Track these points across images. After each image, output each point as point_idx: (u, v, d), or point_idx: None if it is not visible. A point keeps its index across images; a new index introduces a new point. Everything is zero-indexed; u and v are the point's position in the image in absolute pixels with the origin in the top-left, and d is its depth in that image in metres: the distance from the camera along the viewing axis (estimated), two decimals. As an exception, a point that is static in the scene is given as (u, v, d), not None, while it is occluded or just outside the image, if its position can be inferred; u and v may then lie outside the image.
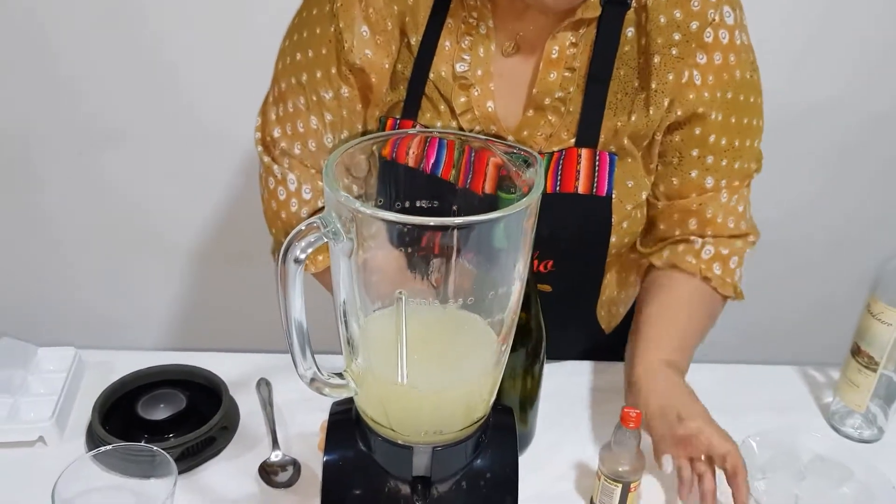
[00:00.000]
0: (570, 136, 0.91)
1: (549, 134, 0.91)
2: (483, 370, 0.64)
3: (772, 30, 1.60)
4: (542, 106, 0.90)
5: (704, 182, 0.95)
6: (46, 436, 0.88)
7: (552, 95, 0.89)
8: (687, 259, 0.97)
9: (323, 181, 0.56)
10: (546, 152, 0.91)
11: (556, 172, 0.90)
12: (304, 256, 0.56)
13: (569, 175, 0.90)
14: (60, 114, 1.63)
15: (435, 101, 0.92)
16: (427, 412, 0.64)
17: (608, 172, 0.90)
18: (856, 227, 1.85)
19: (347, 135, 0.98)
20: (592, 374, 1.05)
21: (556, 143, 0.91)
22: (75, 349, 0.99)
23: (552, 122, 0.91)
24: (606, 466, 0.80)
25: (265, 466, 0.86)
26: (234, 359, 1.03)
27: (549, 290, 0.95)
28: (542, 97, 0.90)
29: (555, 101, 0.90)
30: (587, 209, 0.91)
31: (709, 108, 0.90)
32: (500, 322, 0.63)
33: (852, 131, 1.75)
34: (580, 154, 0.90)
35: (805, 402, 1.03)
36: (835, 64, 1.68)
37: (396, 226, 0.55)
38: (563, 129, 0.91)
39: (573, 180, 0.89)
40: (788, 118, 1.72)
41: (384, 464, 0.66)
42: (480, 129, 0.91)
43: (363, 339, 0.64)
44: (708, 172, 0.94)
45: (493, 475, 0.68)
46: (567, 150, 0.90)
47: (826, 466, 0.87)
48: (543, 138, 0.91)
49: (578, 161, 0.89)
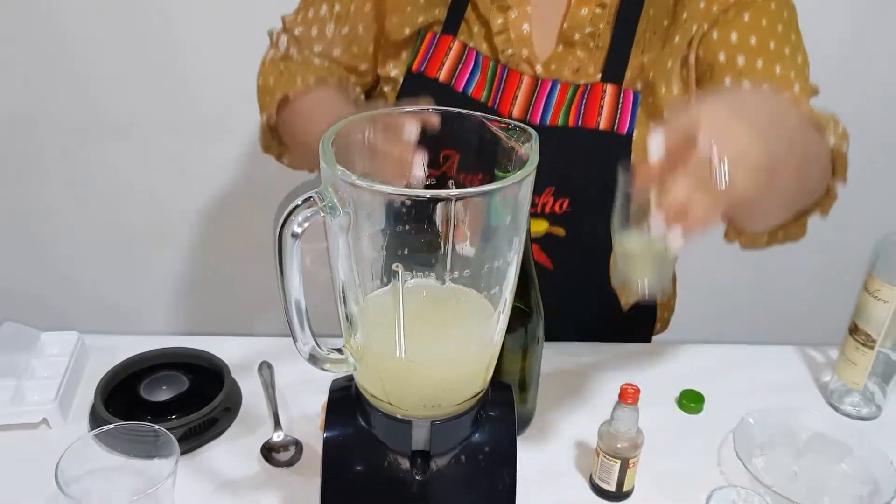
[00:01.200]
0: (596, 72, 0.92)
1: (576, 68, 0.92)
2: (480, 344, 0.65)
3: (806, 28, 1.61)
4: (572, 41, 0.91)
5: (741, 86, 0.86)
6: (50, 418, 0.89)
7: (582, 31, 0.91)
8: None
9: (320, 156, 0.57)
10: (570, 83, 0.91)
11: (579, 106, 0.91)
12: (300, 231, 0.57)
13: (592, 110, 0.90)
14: (66, 103, 1.64)
15: (471, 22, 0.93)
16: (425, 385, 0.64)
17: (631, 111, 0.91)
18: (855, 205, 1.84)
19: (348, 31, 0.99)
20: (593, 354, 1.05)
21: (583, 78, 0.92)
22: (78, 333, 0.99)
23: (580, 57, 0.92)
24: (605, 443, 0.81)
25: (267, 446, 0.87)
26: (236, 342, 1.03)
27: (562, 233, 0.93)
28: (571, 32, 0.91)
29: (584, 36, 0.91)
30: (607, 146, 0.91)
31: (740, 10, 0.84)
32: (497, 296, 0.63)
33: (848, 109, 1.75)
34: (605, 89, 0.91)
35: (804, 381, 1.03)
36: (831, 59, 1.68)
37: (393, 198, 0.55)
38: (591, 65, 0.92)
39: (595, 116, 0.90)
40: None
41: (384, 438, 0.67)
42: (513, 52, 0.92)
43: (362, 315, 0.64)
44: (741, 76, 0.84)
45: (491, 449, 0.69)
46: (592, 85, 0.91)
47: (825, 443, 0.87)
48: (570, 72, 0.93)
49: (602, 96, 0.90)
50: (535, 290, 0.85)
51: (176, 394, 0.91)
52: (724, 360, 1.05)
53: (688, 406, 0.95)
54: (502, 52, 0.92)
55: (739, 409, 0.92)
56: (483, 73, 0.92)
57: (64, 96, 1.63)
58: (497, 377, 0.70)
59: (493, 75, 0.92)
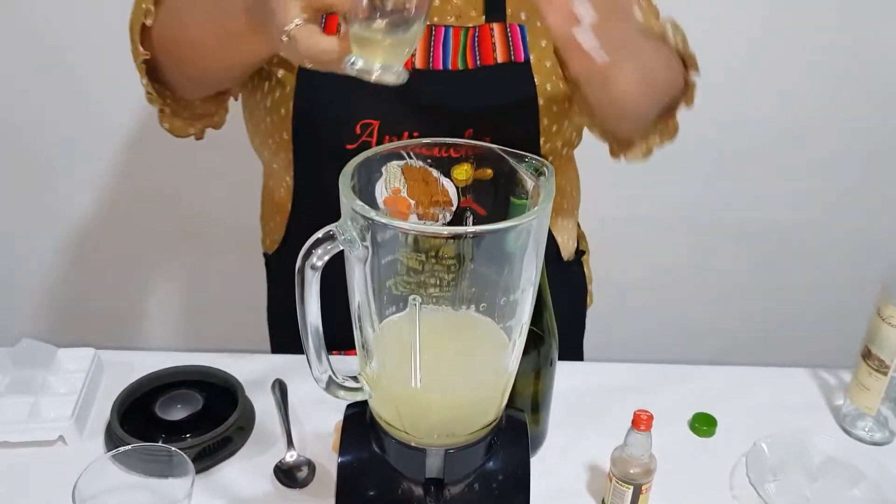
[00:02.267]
0: (478, 14, 0.95)
1: (457, 14, 0.95)
2: (496, 374, 0.65)
3: (807, 30, 1.61)
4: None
5: None
6: (66, 435, 0.90)
7: None
8: None
9: (341, 190, 0.58)
10: (461, 27, 0.94)
11: (472, 48, 0.94)
12: (320, 264, 0.57)
13: (486, 49, 0.94)
14: (75, 113, 1.65)
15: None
16: (440, 415, 0.65)
17: (522, 40, 0.95)
18: (869, 228, 1.84)
19: None
20: (605, 375, 1.05)
21: (468, 22, 0.95)
22: (94, 350, 1.00)
23: (458, 4, 0.95)
24: (618, 468, 0.81)
25: (280, 466, 0.88)
26: (249, 359, 1.04)
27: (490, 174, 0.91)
28: None
29: None
30: (510, 76, 0.94)
31: None
32: (513, 326, 0.64)
33: (866, 133, 1.75)
34: (493, 28, 0.95)
35: (816, 404, 1.03)
36: (849, 69, 1.68)
37: (410, 233, 0.56)
38: (471, 9, 0.95)
39: (491, 52, 0.94)
40: (804, 121, 1.73)
41: (398, 465, 0.68)
42: None
43: (377, 343, 0.65)
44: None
45: (505, 477, 0.69)
46: (480, 27, 0.95)
47: (837, 468, 0.87)
48: (454, 20, 0.95)
49: (492, 35, 0.94)
50: (548, 314, 0.85)
51: (190, 412, 0.92)
52: (736, 382, 1.05)
53: (700, 429, 0.95)
54: None
55: (752, 432, 0.92)
56: (456, 42, 0.94)
57: (72, 109, 1.64)
58: (510, 401, 0.70)
59: (465, 39, 0.94)
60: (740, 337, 1.93)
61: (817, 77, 1.67)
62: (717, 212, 1.76)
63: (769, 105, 1.70)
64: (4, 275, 1.83)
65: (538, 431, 0.92)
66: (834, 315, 1.83)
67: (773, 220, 1.63)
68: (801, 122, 1.72)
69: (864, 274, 1.81)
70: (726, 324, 1.94)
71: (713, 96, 1.60)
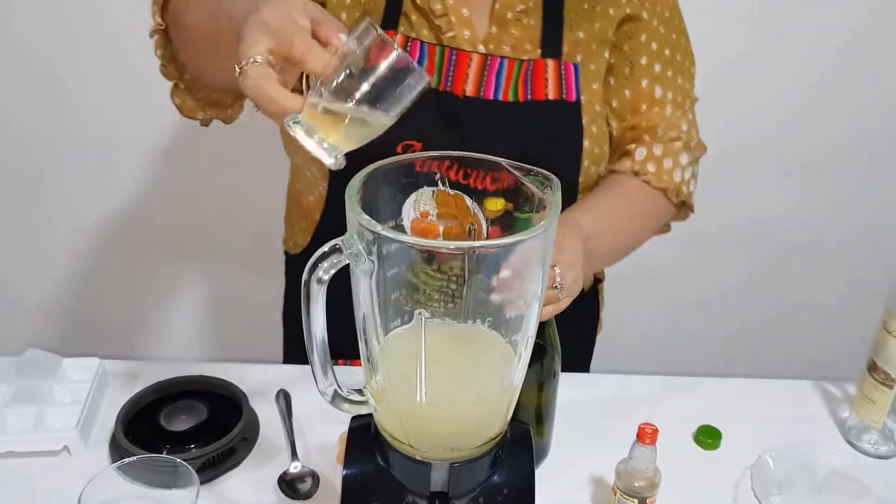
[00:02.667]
0: (534, 48, 0.96)
1: (513, 46, 0.96)
2: (501, 388, 0.65)
3: (805, 30, 1.61)
4: (505, 21, 0.95)
5: (654, 91, 1.02)
6: (71, 445, 0.90)
7: (513, 10, 0.95)
8: (623, 161, 1.04)
9: (346, 204, 0.58)
10: (515, 59, 0.95)
11: (525, 82, 0.95)
12: (327, 277, 0.58)
13: (538, 84, 0.95)
14: (79, 122, 1.66)
15: (409, 14, 0.95)
16: (445, 429, 0.65)
17: (574, 80, 0.96)
18: (874, 239, 1.84)
19: None
20: (609, 387, 1.05)
21: (522, 54, 0.96)
22: (99, 359, 1.00)
23: (515, 35, 0.96)
24: (622, 482, 0.81)
25: (284, 478, 0.87)
26: (253, 369, 1.04)
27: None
28: (504, 12, 0.95)
29: (517, 14, 0.95)
30: (559, 114, 0.96)
31: (651, 17, 1.00)
32: (518, 340, 0.64)
33: (872, 140, 1.75)
34: (547, 64, 0.95)
35: (821, 417, 1.03)
36: (849, 70, 1.67)
37: (415, 248, 0.56)
38: (526, 42, 0.96)
39: (543, 88, 0.95)
40: (806, 123, 1.72)
41: (402, 479, 0.67)
42: (454, 34, 0.95)
43: (382, 356, 0.65)
44: (657, 81, 1.02)
45: (510, 490, 0.69)
46: (535, 61, 0.95)
47: (843, 482, 0.87)
48: (509, 50, 0.96)
49: (546, 71, 0.95)
50: (550, 327, 0.85)
51: (195, 423, 0.92)
52: (741, 394, 1.05)
53: (704, 442, 0.95)
54: (444, 34, 0.95)
55: (756, 444, 0.92)
56: (430, 59, 0.94)
57: (72, 118, 1.65)
58: (514, 413, 0.70)
59: (441, 58, 0.94)
60: (742, 345, 1.93)
61: (819, 78, 1.67)
62: (718, 219, 1.75)
63: (769, 106, 1.70)
64: (9, 284, 1.83)
65: (542, 444, 0.91)
66: (837, 322, 1.83)
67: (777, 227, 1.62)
68: (804, 123, 1.72)
69: (871, 284, 1.81)
70: (727, 331, 1.94)
71: (713, 98, 1.62)
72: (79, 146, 1.68)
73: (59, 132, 1.67)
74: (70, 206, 1.75)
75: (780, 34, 1.63)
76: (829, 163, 1.76)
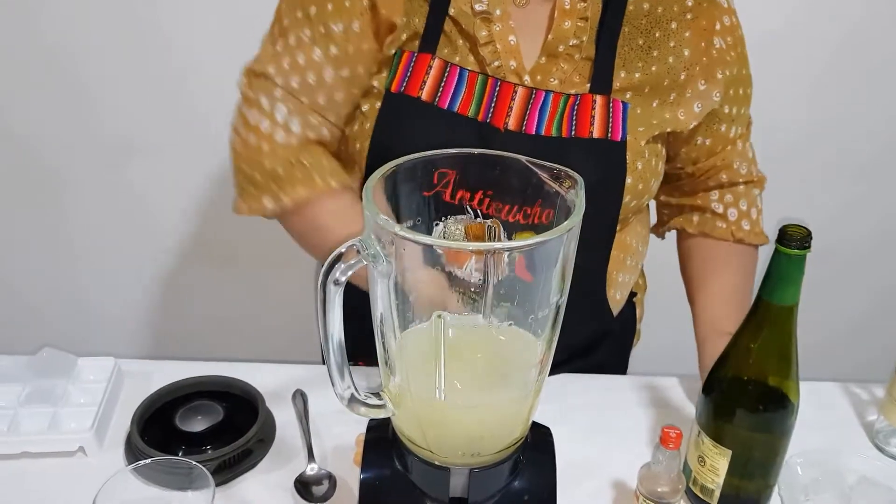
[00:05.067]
0: (582, 82, 0.93)
1: (561, 79, 0.93)
2: (523, 391, 0.64)
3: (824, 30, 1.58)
4: (556, 53, 0.92)
5: (731, 133, 1.03)
6: (86, 446, 0.89)
7: (566, 43, 0.92)
8: (718, 225, 1.06)
9: (363, 203, 0.56)
10: (562, 93, 0.92)
11: (570, 117, 0.92)
12: (343, 279, 0.56)
13: (583, 120, 0.92)
14: (92, 124, 1.66)
15: (453, 37, 0.92)
16: (465, 434, 0.63)
17: (622, 119, 0.93)
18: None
19: (349, 73, 0.93)
20: (630, 390, 1.03)
21: (569, 88, 0.93)
22: (115, 359, 1.00)
23: (564, 68, 0.93)
24: (645, 487, 0.79)
25: (301, 480, 0.86)
26: (270, 369, 1.03)
27: None
28: (556, 44, 0.92)
29: (569, 48, 0.92)
30: (603, 153, 0.92)
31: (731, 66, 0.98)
32: (539, 344, 0.62)
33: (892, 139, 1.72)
34: (595, 100, 0.92)
35: (848, 420, 1.00)
36: (866, 75, 1.64)
37: (434, 249, 0.55)
38: (576, 75, 0.93)
39: (588, 125, 0.92)
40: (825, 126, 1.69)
41: (421, 484, 0.66)
42: (500, 63, 0.92)
43: (400, 356, 0.63)
44: (734, 123, 1.02)
45: (531, 497, 0.67)
46: (582, 96, 0.92)
47: (872, 489, 0.85)
48: (557, 83, 0.93)
49: (593, 107, 0.92)
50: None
51: (211, 424, 0.91)
52: (766, 396, 1.03)
53: (729, 446, 0.93)
54: (489, 65, 0.92)
55: (783, 449, 0.90)
56: (470, 88, 0.91)
57: (86, 122, 1.65)
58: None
59: (482, 88, 0.91)
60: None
61: (835, 82, 1.64)
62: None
63: (788, 110, 1.67)
64: (24, 283, 1.84)
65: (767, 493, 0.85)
66: (866, 328, 1.80)
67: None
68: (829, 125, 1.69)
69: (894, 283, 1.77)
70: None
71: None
72: (95, 147, 1.69)
73: (76, 133, 1.67)
74: (84, 206, 1.76)
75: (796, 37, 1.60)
76: (857, 165, 1.73)
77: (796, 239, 0.71)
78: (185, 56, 1.57)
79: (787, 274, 0.73)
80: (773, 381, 0.78)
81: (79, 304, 1.86)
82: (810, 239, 0.71)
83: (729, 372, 0.80)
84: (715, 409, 0.80)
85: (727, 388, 0.80)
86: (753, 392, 0.79)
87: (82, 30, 1.56)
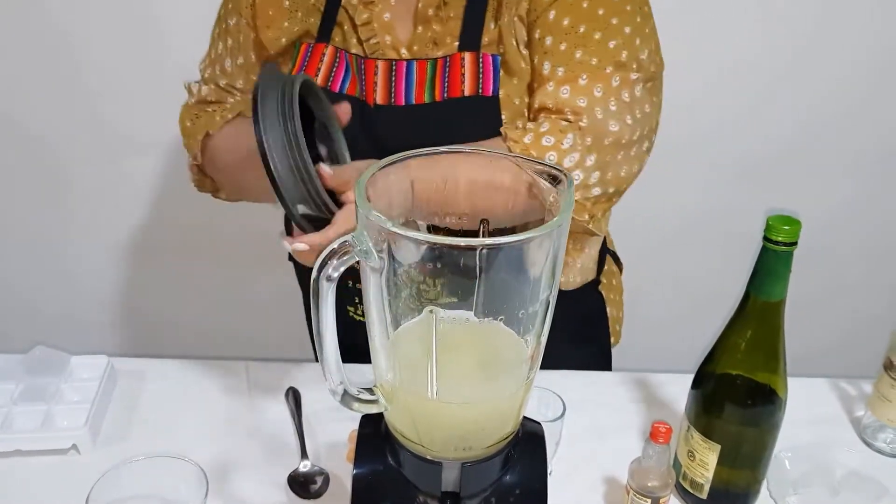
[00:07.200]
0: (453, 42, 0.94)
1: (436, 42, 0.94)
2: (514, 386, 0.64)
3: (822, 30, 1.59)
4: (427, 18, 0.94)
5: (542, 68, 0.90)
6: (80, 444, 0.89)
7: (434, 6, 0.93)
8: None
9: (355, 197, 0.57)
10: (428, 58, 0.94)
11: (442, 79, 0.93)
12: (336, 275, 0.57)
13: (455, 80, 0.93)
14: (95, 124, 1.66)
15: (342, 25, 0.97)
16: (457, 428, 0.64)
17: (493, 73, 0.92)
18: (891, 238, 1.82)
19: (242, 61, 1.04)
20: (619, 386, 1.04)
21: (443, 50, 0.94)
22: (108, 357, 1.00)
23: (437, 31, 0.94)
24: (636, 481, 0.80)
25: (294, 477, 0.87)
26: (262, 367, 1.04)
27: None
28: (426, 9, 0.93)
29: (437, 10, 0.93)
30: (476, 110, 0.93)
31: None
32: (530, 339, 0.62)
33: (889, 141, 1.73)
34: (464, 58, 0.92)
35: (837, 415, 1.01)
36: (869, 73, 1.65)
37: (425, 244, 0.55)
38: (448, 35, 0.94)
39: (459, 84, 0.92)
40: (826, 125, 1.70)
41: (413, 479, 0.67)
42: (377, 40, 0.95)
43: (393, 353, 0.64)
44: (546, 56, 0.89)
45: (522, 490, 0.68)
46: (451, 56, 0.93)
47: (860, 482, 0.86)
48: (431, 48, 0.95)
49: (462, 65, 0.92)
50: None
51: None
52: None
53: (718, 441, 0.94)
54: (367, 43, 0.95)
55: (771, 444, 0.90)
56: (353, 71, 0.95)
57: (92, 120, 1.65)
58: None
59: (358, 70, 0.95)
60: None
61: (838, 82, 1.65)
62: (735, 219, 1.74)
63: (788, 110, 1.68)
64: (18, 282, 1.84)
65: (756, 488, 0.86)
66: (856, 325, 1.81)
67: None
68: (824, 126, 1.70)
69: (885, 280, 1.79)
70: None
71: (732, 103, 1.60)
72: (94, 146, 1.68)
73: (77, 133, 1.67)
74: (78, 204, 1.75)
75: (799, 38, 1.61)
76: (844, 164, 1.74)
77: (782, 234, 0.71)
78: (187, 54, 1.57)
79: (774, 269, 0.74)
80: (760, 376, 0.79)
81: (72, 302, 1.86)
82: (798, 232, 0.72)
83: (717, 367, 0.81)
84: (704, 404, 0.81)
85: (716, 383, 0.81)
86: (741, 387, 0.79)
87: (85, 27, 1.56)
